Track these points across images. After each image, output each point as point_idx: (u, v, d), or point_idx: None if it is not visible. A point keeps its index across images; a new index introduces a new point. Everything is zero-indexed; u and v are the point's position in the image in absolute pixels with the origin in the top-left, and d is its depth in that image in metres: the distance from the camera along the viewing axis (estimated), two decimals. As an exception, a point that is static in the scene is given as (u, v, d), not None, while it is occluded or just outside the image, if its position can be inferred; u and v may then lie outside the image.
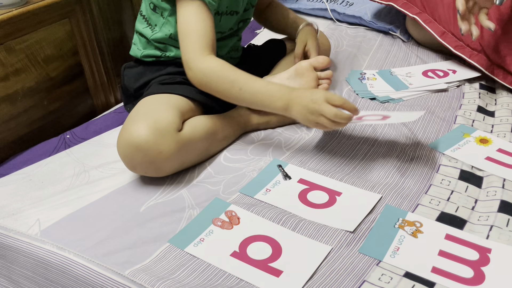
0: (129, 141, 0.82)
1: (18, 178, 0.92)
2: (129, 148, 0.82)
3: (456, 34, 1.26)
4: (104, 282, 0.69)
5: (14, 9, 1.04)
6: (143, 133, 0.81)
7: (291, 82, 1.01)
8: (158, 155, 0.82)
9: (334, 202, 0.82)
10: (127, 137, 0.82)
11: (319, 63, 1.02)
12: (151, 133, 0.81)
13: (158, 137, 0.82)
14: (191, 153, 0.90)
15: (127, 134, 0.82)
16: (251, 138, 1.01)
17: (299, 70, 1.02)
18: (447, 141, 0.99)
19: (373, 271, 0.69)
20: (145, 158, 0.82)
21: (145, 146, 0.81)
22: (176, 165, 0.88)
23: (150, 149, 0.82)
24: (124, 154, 0.84)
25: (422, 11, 1.34)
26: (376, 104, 1.13)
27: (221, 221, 0.78)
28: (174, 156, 0.85)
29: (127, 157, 0.84)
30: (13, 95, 1.06)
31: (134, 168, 0.85)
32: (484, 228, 0.76)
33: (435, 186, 0.86)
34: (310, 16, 1.68)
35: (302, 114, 0.87)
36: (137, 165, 0.84)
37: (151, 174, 0.86)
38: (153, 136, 0.81)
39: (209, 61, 0.89)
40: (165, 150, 0.83)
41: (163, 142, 0.82)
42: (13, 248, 0.78)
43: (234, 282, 0.68)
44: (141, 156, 0.82)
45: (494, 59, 1.19)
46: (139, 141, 0.81)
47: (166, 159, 0.84)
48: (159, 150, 0.82)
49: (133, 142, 0.81)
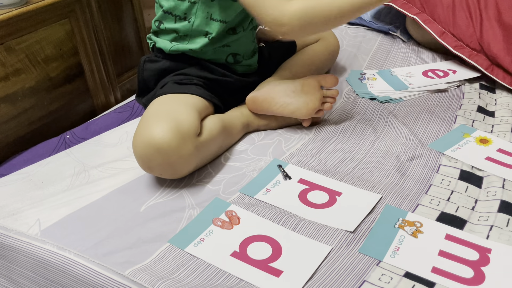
0: (150, 142, 0.80)
1: (18, 178, 0.92)
2: (148, 149, 0.80)
3: (456, 34, 1.26)
4: (104, 282, 0.69)
5: (14, 9, 1.04)
6: (166, 136, 0.79)
7: (295, 97, 1.00)
8: (178, 159, 0.81)
9: (334, 202, 0.82)
10: (147, 138, 0.80)
11: (327, 83, 1.01)
12: (174, 136, 0.80)
13: (180, 141, 0.80)
14: (206, 156, 0.90)
15: (148, 134, 0.80)
16: (251, 138, 1.01)
17: (305, 87, 1.00)
18: (447, 141, 0.99)
19: (373, 271, 0.69)
20: (164, 161, 0.81)
21: (167, 149, 0.80)
22: (192, 168, 0.87)
23: (172, 152, 0.80)
24: (142, 155, 0.82)
25: (421, 11, 1.34)
26: (376, 104, 1.13)
27: (221, 221, 0.78)
28: (192, 159, 0.84)
29: (145, 158, 0.82)
30: (13, 95, 1.06)
31: (151, 169, 0.84)
32: (484, 228, 0.76)
33: (435, 186, 0.86)
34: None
35: None
36: (155, 166, 0.82)
37: (166, 176, 0.85)
38: (176, 140, 0.80)
39: (295, 4, 0.84)
40: (186, 154, 0.82)
41: (184, 146, 0.81)
42: (13, 248, 0.78)
43: (234, 282, 0.68)
44: (161, 158, 0.81)
45: (493, 59, 1.19)
46: (162, 144, 0.79)
47: (185, 162, 0.83)
48: (180, 154, 0.81)
49: (155, 144, 0.79)
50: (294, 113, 1.00)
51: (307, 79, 1.01)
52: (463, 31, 1.24)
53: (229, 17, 0.97)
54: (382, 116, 1.08)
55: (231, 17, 0.98)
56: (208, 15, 0.97)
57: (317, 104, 1.00)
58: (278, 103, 1.00)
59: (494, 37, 1.19)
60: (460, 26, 1.25)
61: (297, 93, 1.00)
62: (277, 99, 1.00)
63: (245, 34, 1.03)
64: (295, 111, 1.00)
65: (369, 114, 1.09)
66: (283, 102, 0.99)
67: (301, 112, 1.00)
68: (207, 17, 0.97)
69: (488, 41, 1.19)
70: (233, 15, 0.98)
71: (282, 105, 1.00)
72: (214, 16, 0.97)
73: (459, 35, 1.25)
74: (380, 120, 1.06)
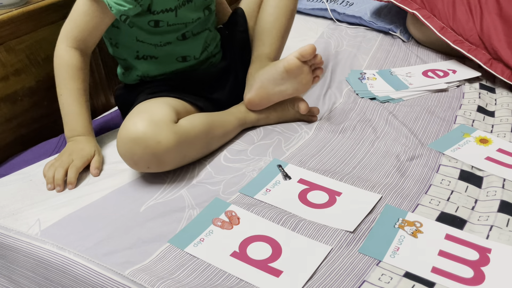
0: (127, 135, 0.82)
1: (19, 178, 0.92)
2: (128, 143, 0.82)
3: (455, 29, 1.27)
4: (104, 282, 0.69)
5: (14, 9, 1.04)
6: (139, 126, 0.82)
7: (287, 82, 0.99)
8: (157, 145, 0.82)
9: (334, 202, 0.82)
10: (124, 133, 0.83)
11: (306, 55, 0.97)
12: (147, 124, 0.82)
13: (155, 128, 0.82)
14: (190, 146, 0.89)
15: (124, 130, 0.83)
16: (251, 137, 1.01)
17: (289, 70, 0.98)
18: (447, 141, 0.99)
19: (373, 271, 0.69)
20: (145, 151, 0.82)
21: (143, 138, 0.81)
22: (178, 158, 0.87)
23: (149, 140, 0.82)
24: (124, 151, 0.84)
25: (421, 7, 1.35)
26: (376, 104, 1.12)
27: (221, 221, 0.78)
28: (174, 147, 0.84)
29: (127, 152, 0.84)
30: (13, 95, 1.06)
31: (136, 164, 0.85)
32: (484, 228, 0.76)
33: (435, 186, 0.86)
34: (310, 16, 1.68)
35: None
36: (138, 160, 0.84)
37: (154, 169, 0.86)
38: (150, 127, 0.82)
39: (65, 51, 0.93)
40: (164, 140, 0.83)
41: (161, 132, 0.83)
42: (13, 248, 0.78)
43: (234, 282, 0.68)
44: (141, 149, 0.82)
45: (493, 53, 1.19)
46: (137, 134, 0.82)
47: (166, 149, 0.83)
48: (157, 140, 0.82)
49: (131, 135, 0.82)
50: (293, 94, 1.02)
51: (287, 61, 0.98)
52: (463, 25, 1.25)
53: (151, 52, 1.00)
54: (382, 116, 1.07)
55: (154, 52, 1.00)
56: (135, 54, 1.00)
57: (309, 77, 1.00)
58: (274, 94, 1.01)
59: (494, 31, 1.19)
60: (460, 20, 1.26)
61: (286, 78, 0.99)
62: (271, 91, 1.00)
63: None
64: (293, 92, 1.01)
65: (369, 114, 1.09)
66: (278, 91, 1.00)
67: (299, 91, 1.02)
68: (135, 57, 1.00)
69: (488, 34, 1.20)
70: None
71: (279, 94, 1.01)
72: (141, 54, 1.00)
73: (459, 30, 1.26)
74: (380, 120, 1.06)
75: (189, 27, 1.00)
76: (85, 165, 0.91)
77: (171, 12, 0.94)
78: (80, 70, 0.94)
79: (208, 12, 1.03)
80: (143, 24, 0.94)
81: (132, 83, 1.04)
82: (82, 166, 0.90)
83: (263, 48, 1.08)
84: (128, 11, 0.89)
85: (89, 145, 0.94)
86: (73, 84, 0.93)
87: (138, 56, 1.00)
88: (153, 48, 0.98)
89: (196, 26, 1.01)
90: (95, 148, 0.94)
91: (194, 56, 1.03)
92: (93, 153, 0.93)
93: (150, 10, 0.92)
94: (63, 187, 0.87)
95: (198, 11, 1.00)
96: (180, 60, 1.02)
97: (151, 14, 0.93)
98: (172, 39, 0.98)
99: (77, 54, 0.94)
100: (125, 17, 0.90)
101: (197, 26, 1.02)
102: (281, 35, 1.11)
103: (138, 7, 0.90)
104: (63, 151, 0.93)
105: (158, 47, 0.98)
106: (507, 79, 1.17)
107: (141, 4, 0.90)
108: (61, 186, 0.87)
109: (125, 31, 0.97)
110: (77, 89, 0.94)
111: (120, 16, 0.89)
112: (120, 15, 0.89)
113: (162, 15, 0.94)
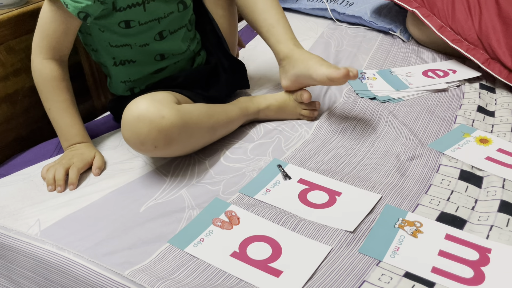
0: (131, 114, 0.82)
1: (19, 178, 0.92)
2: (132, 121, 0.82)
3: (454, 28, 1.27)
4: (104, 282, 0.69)
5: (14, 9, 1.04)
6: (142, 104, 0.82)
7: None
8: (161, 119, 0.82)
9: (334, 202, 0.82)
10: (128, 113, 0.82)
11: (336, 79, 0.95)
12: (150, 103, 0.82)
13: (158, 104, 0.83)
14: (196, 127, 0.89)
15: (128, 111, 0.83)
16: (251, 137, 1.01)
17: (321, 83, 0.98)
18: (447, 141, 0.99)
19: (373, 271, 0.69)
20: (150, 126, 0.81)
21: (147, 114, 0.81)
22: (184, 136, 0.87)
23: (152, 115, 0.81)
24: (129, 131, 0.83)
25: (421, 5, 1.35)
26: (376, 103, 1.12)
27: (221, 221, 0.78)
28: (178, 123, 0.84)
29: (133, 133, 0.82)
30: (13, 95, 1.06)
31: (143, 143, 0.83)
32: (484, 228, 0.76)
33: (435, 186, 0.86)
34: (310, 16, 1.68)
35: None
36: (144, 138, 0.82)
37: (161, 148, 0.84)
38: (152, 104, 0.82)
39: (42, 65, 0.92)
40: (167, 114, 0.82)
41: (163, 108, 0.83)
42: (13, 248, 0.78)
43: (234, 282, 0.68)
44: (145, 125, 0.81)
45: (491, 53, 1.19)
46: (140, 111, 0.81)
47: (171, 124, 0.83)
48: (161, 115, 0.82)
49: (135, 114, 0.82)
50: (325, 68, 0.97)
51: (319, 76, 0.96)
52: (462, 24, 1.25)
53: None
54: (382, 116, 1.07)
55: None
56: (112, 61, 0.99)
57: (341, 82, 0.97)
58: (307, 84, 1.03)
59: (493, 31, 1.19)
60: (459, 19, 1.26)
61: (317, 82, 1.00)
62: (305, 83, 1.03)
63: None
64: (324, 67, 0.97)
65: (369, 114, 1.09)
66: (310, 82, 1.01)
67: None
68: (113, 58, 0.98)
69: (486, 34, 1.20)
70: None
71: (311, 83, 1.01)
72: (117, 60, 0.98)
73: (458, 29, 1.26)
74: (380, 120, 1.06)
75: (163, 24, 0.96)
76: (86, 167, 0.91)
77: (138, 7, 0.91)
78: (62, 80, 0.93)
79: (182, 7, 0.99)
80: (114, 26, 0.92)
81: (124, 94, 1.04)
82: (83, 167, 0.90)
83: (284, 45, 1.03)
84: (87, 8, 0.86)
85: (88, 149, 0.94)
86: (59, 97, 0.93)
87: (116, 63, 0.98)
88: (129, 50, 0.96)
89: (172, 23, 0.98)
90: (95, 151, 0.94)
91: (172, 53, 1.01)
92: (93, 155, 0.93)
93: (115, 8, 0.90)
94: (64, 187, 0.87)
95: (170, 4, 0.96)
96: (159, 59, 1.00)
97: (117, 11, 0.90)
98: (149, 40, 0.96)
99: (55, 65, 0.92)
100: (84, 14, 0.86)
101: (173, 23, 0.99)
102: (284, 19, 1.06)
103: (98, 4, 0.86)
104: (62, 156, 0.93)
105: (135, 49, 0.96)
106: (505, 79, 1.17)
107: (102, 2, 0.87)
108: (62, 186, 0.87)
109: (97, 37, 0.94)
110: (64, 101, 0.93)
111: (78, 13, 0.86)
112: (78, 12, 0.86)
113: (130, 12, 0.91)
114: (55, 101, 0.93)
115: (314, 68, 0.97)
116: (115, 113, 1.09)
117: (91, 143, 0.96)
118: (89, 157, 0.92)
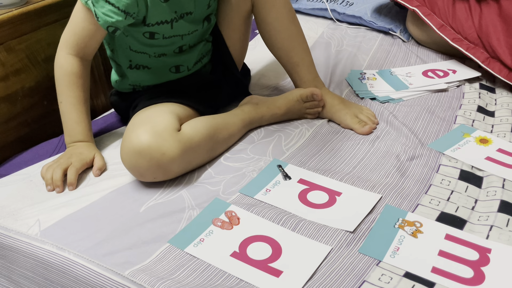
0: (131, 148, 0.82)
1: (19, 178, 0.92)
2: (133, 156, 0.82)
3: (455, 27, 1.27)
4: (104, 282, 0.69)
5: (14, 9, 1.04)
6: (143, 138, 0.82)
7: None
8: (162, 156, 0.82)
9: (334, 202, 0.82)
10: (128, 146, 0.83)
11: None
12: (150, 136, 0.82)
13: (158, 139, 0.82)
14: (196, 153, 0.89)
15: (128, 143, 0.83)
16: (251, 137, 1.01)
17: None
18: (447, 141, 0.99)
19: (373, 271, 0.69)
20: (150, 163, 0.82)
21: (148, 150, 0.81)
22: (183, 165, 0.87)
23: (153, 152, 0.82)
24: (130, 164, 0.84)
25: (421, 4, 1.35)
26: (376, 104, 1.12)
27: (221, 222, 0.78)
28: (179, 156, 0.84)
29: (133, 165, 0.84)
30: (13, 95, 1.06)
31: (143, 175, 0.85)
32: (484, 228, 0.76)
33: (435, 186, 0.86)
34: (310, 16, 1.68)
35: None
36: (144, 171, 0.84)
37: (160, 178, 0.86)
38: (153, 138, 0.82)
39: (64, 59, 0.93)
40: (168, 151, 0.83)
41: (164, 143, 0.82)
42: (13, 248, 0.78)
43: (234, 282, 0.68)
44: (146, 161, 0.82)
45: (491, 52, 1.19)
46: (141, 146, 0.81)
47: (171, 159, 0.83)
48: (162, 152, 0.82)
49: (135, 148, 0.82)
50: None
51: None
52: (462, 23, 1.25)
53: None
54: (382, 116, 1.07)
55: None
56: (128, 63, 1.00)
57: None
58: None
59: (493, 30, 1.19)
60: (460, 18, 1.26)
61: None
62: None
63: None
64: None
65: (369, 114, 1.09)
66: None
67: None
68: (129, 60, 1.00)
69: (487, 33, 1.20)
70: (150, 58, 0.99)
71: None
72: (134, 63, 1.00)
73: (458, 28, 1.26)
74: (380, 120, 1.06)
75: (186, 40, 0.99)
76: (84, 168, 0.91)
77: (166, 24, 0.93)
78: (80, 77, 0.94)
79: (207, 23, 1.01)
80: (138, 35, 0.94)
81: (125, 91, 1.04)
82: (81, 167, 0.90)
83: (306, 86, 1.08)
84: (117, 23, 0.87)
85: (88, 149, 0.93)
86: (71, 92, 0.93)
87: (131, 66, 0.99)
88: (147, 58, 0.98)
89: (193, 38, 1.00)
90: (95, 151, 0.94)
91: (187, 66, 1.03)
92: (92, 156, 0.93)
93: (145, 23, 0.92)
94: (62, 187, 0.87)
95: (196, 24, 0.98)
96: (174, 71, 1.02)
97: (146, 26, 0.92)
98: (169, 52, 0.98)
99: (76, 61, 0.93)
100: (113, 28, 0.88)
101: (194, 38, 1.01)
102: (309, 57, 1.09)
103: (129, 19, 0.88)
104: (61, 155, 0.93)
105: (153, 58, 0.98)
106: (505, 77, 1.17)
107: (133, 17, 0.88)
108: (60, 187, 0.87)
109: (119, 39, 0.96)
110: (75, 97, 0.93)
111: (108, 27, 0.88)
112: (108, 27, 0.88)
113: (158, 27, 0.93)
114: (67, 95, 0.93)
115: (338, 116, 1.05)
116: (116, 107, 1.10)
117: (93, 143, 0.96)
118: (87, 157, 0.92)
